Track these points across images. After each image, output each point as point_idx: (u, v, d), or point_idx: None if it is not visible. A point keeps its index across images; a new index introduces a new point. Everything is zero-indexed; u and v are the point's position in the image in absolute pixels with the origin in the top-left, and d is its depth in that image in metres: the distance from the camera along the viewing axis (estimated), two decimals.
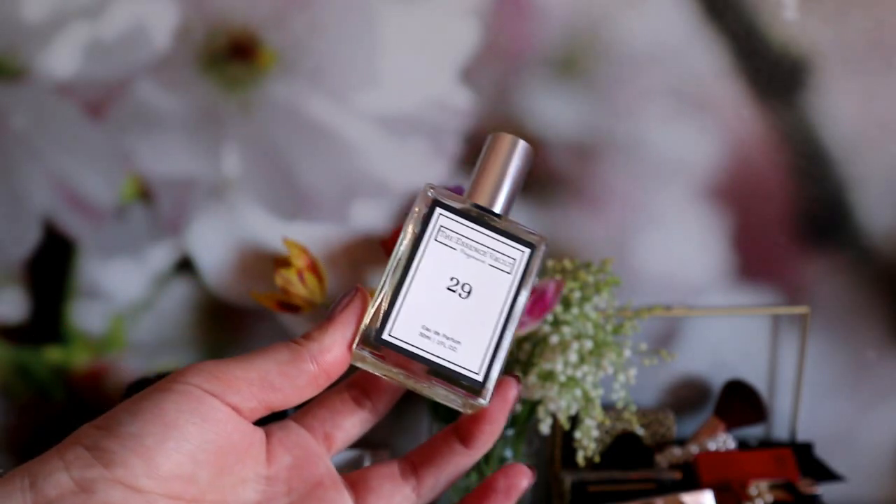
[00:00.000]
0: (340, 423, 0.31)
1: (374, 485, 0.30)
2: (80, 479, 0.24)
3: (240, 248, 0.74)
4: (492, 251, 0.30)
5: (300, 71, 0.70)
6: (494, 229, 0.31)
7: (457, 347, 0.29)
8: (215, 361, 0.27)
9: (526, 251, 0.31)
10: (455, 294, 0.30)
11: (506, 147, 0.32)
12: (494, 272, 0.30)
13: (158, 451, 0.25)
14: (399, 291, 0.29)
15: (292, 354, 0.28)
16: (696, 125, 0.73)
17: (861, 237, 0.75)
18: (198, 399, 0.26)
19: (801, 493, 0.69)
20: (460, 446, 0.30)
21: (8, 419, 0.76)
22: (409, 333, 0.29)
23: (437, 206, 0.30)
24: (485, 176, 0.32)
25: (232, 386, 0.27)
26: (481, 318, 0.30)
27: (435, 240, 0.30)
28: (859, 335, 0.77)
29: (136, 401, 0.26)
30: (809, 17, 0.70)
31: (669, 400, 0.79)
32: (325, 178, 0.72)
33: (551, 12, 0.70)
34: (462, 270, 0.30)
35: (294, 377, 0.28)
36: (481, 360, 0.29)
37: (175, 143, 0.71)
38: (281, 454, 0.29)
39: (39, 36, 0.68)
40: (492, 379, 0.29)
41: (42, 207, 0.72)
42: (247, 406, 0.27)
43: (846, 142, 0.73)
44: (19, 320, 0.74)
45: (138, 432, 0.25)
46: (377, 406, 0.31)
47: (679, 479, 0.70)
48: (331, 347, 0.28)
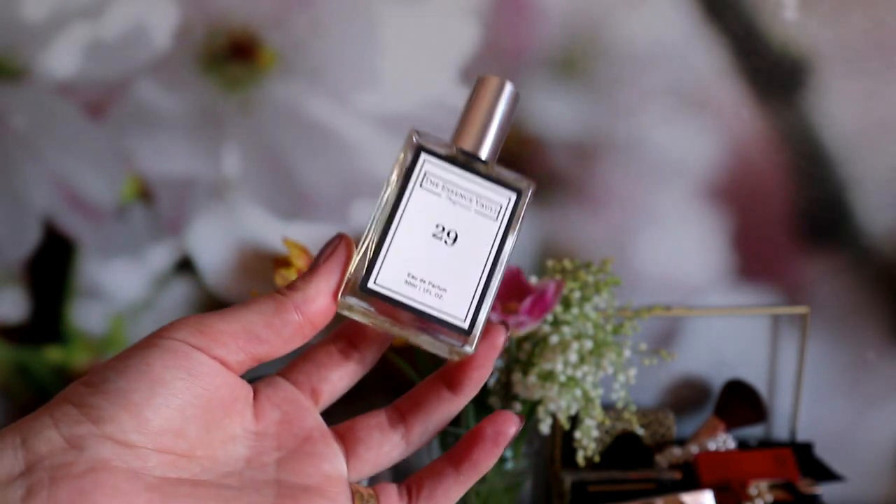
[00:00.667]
0: (327, 376, 0.30)
1: (362, 434, 0.30)
2: (70, 435, 0.24)
3: (240, 248, 0.74)
4: (477, 197, 0.30)
5: (300, 71, 0.70)
6: (480, 175, 0.30)
7: (442, 295, 0.29)
8: (199, 316, 0.27)
9: (512, 196, 0.30)
10: (440, 241, 0.29)
11: (492, 90, 0.31)
12: (480, 219, 0.30)
13: (147, 406, 0.25)
14: (384, 239, 0.29)
15: (277, 305, 0.28)
16: (696, 125, 0.73)
17: (861, 237, 0.75)
18: (184, 354, 0.26)
19: (801, 493, 0.69)
20: (447, 392, 0.30)
21: (8, 419, 0.76)
22: (395, 281, 0.28)
23: (421, 151, 0.30)
24: (471, 120, 0.31)
25: (217, 340, 0.26)
26: (467, 266, 0.29)
27: (420, 186, 0.30)
28: (859, 335, 0.77)
29: (123, 357, 0.26)
30: (809, 17, 0.70)
31: (669, 400, 0.79)
32: (325, 178, 0.72)
33: (551, 12, 0.70)
34: (447, 217, 0.29)
35: (279, 328, 0.27)
36: (467, 308, 0.29)
37: (175, 143, 0.71)
38: (269, 410, 0.29)
39: (39, 36, 0.68)
40: (478, 326, 0.29)
41: (42, 207, 0.72)
42: (234, 359, 0.27)
43: (846, 142, 0.73)
44: (19, 320, 0.74)
45: (126, 388, 0.25)
46: (364, 357, 0.31)
47: (679, 479, 0.70)
48: (315, 297, 0.28)
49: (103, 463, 0.24)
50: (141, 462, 0.25)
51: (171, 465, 0.25)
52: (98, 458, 0.24)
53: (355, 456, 0.29)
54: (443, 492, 0.29)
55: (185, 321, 0.27)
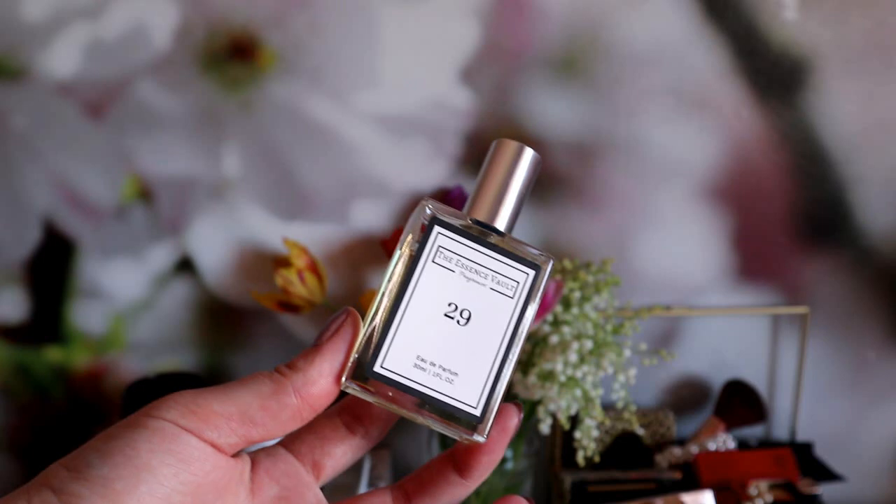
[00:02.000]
0: (331, 451, 0.29)
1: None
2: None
3: (240, 248, 0.74)
4: (493, 273, 0.28)
5: (300, 71, 0.70)
6: (497, 249, 0.28)
7: (454, 380, 0.27)
8: (193, 393, 0.26)
9: (530, 273, 0.29)
10: (453, 321, 0.28)
11: (510, 156, 0.30)
12: (496, 296, 0.28)
13: (130, 496, 0.23)
14: (393, 318, 0.27)
15: (274, 386, 0.26)
16: (696, 125, 0.73)
17: (861, 237, 0.75)
18: (172, 436, 0.24)
19: (801, 493, 0.69)
20: (456, 476, 0.28)
21: (8, 419, 0.76)
22: (403, 365, 0.27)
23: (435, 223, 0.28)
24: (487, 188, 0.29)
25: (209, 421, 0.25)
26: (481, 348, 0.28)
27: (433, 261, 0.28)
28: (859, 335, 0.77)
29: (107, 439, 0.25)
30: (809, 17, 0.70)
31: (669, 400, 0.79)
32: (325, 178, 0.72)
33: (551, 12, 0.70)
34: (461, 295, 0.28)
35: (276, 411, 0.26)
36: (479, 393, 0.27)
37: (175, 143, 0.71)
38: (267, 484, 0.28)
39: (39, 36, 0.68)
40: (491, 413, 0.27)
41: (42, 207, 0.72)
42: (226, 442, 0.25)
43: (846, 142, 0.73)
44: (19, 320, 0.74)
45: (108, 475, 0.24)
46: (370, 432, 0.30)
47: (679, 479, 0.70)
48: (316, 380, 0.26)
49: None
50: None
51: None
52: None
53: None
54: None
55: (176, 398, 0.25)
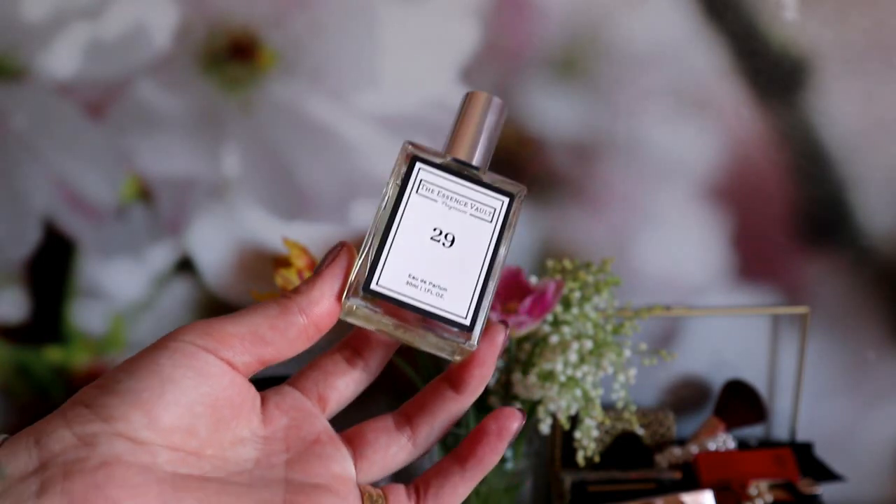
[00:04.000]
0: (333, 384, 0.31)
1: (370, 438, 0.30)
2: (82, 433, 0.25)
3: (240, 248, 0.74)
4: (472, 202, 0.31)
5: (300, 71, 0.70)
6: (473, 180, 0.32)
7: (443, 294, 0.30)
8: (207, 320, 0.28)
9: (505, 200, 0.32)
10: (439, 243, 0.30)
11: (481, 104, 0.33)
12: (476, 221, 0.31)
13: (157, 403, 0.26)
14: (384, 243, 0.30)
15: (281, 308, 0.28)
16: (696, 125, 0.73)
17: (861, 237, 0.75)
18: (192, 354, 0.27)
19: (801, 493, 0.69)
20: (452, 392, 0.30)
21: (8, 419, 0.76)
22: (397, 282, 0.30)
23: (416, 160, 0.31)
24: (462, 132, 0.33)
25: (224, 342, 0.27)
26: (465, 266, 0.30)
27: (416, 192, 0.31)
28: (859, 335, 0.77)
29: (133, 360, 0.27)
30: (809, 17, 0.70)
31: (669, 400, 0.79)
32: (325, 178, 0.72)
33: (551, 12, 0.70)
34: (444, 221, 0.31)
35: (284, 330, 0.28)
36: (468, 305, 0.30)
37: (175, 143, 0.71)
38: (277, 416, 0.30)
39: (39, 36, 0.68)
40: (479, 323, 0.30)
41: (42, 207, 0.72)
42: (240, 360, 0.28)
43: (846, 142, 0.73)
44: (19, 320, 0.74)
45: (136, 387, 0.26)
46: (369, 365, 0.32)
47: (679, 479, 0.70)
48: (319, 300, 0.29)
49: (115, 458, 0.25)
50: (152, 458, 0.25)
51: (182, 462, 0.26)
52: (110, 454, 0.25)
53: (363, 458, 0.30)
54: (450, 489, 0.30)
55: (192, 325, 0.28)
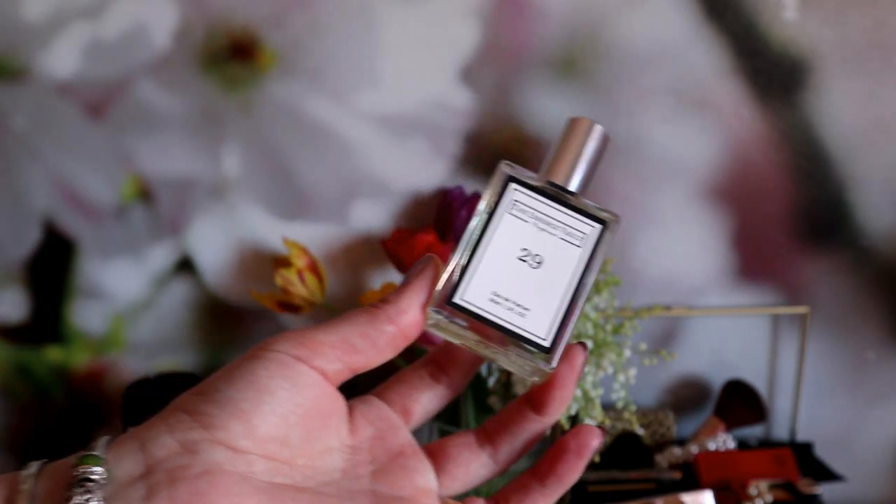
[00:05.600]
0: (418, 398, 0.32)
1: (452, 453, 0.31)
2: (184, 440, 0.26)
3: (240, 248, 0.74)
4: (563, 226, 0.31)
5: (300, 71, 0.70)
6: (566, 205, 0.32)
7: (525, 314, 0.30)
8: (299, 329, 0.29)
9: (598, 227, 0.32)
10: (526, 264, 0.31)
11: (582, 130, 0.33)
12: (565, 245, 0.31)
13: (254, 413, 0.27)
14: (472, 259, 0.30)
15: (370, 317, 0.29)
16: (696, 125, 0.73)
17: (861, 237, 0.75)
18: (287, 364, 0.28)
19: (801, 493, 0.69)
20: (533, 414, 0.31)
21: (8, 419, 0.76)
22: (480, 298, 0.30)
23: (511, 181, 0.32)
24: (560, 156, 0.33)
25: (317, 350, 0.28)
26: (551, 288, 0.30)
27: (508, 213, 0.31)
28: (859, 335, 0.77)
29: (230, 369, 0.28)
30: (809, 17, 0.70)
31: (669, 400, 0.79)
32: (325, 178, 0.72)
33: (551, 12, 0.70)
34: (533, 242, 0.31)
35: (374, 339, 0.29)
36: (549, 327, 0.30)
37: (175, 143, 0.71)
38: (363, 426, 0.30)
39: (39, 36, 0.68)
40: (560, 345, 0.30)
41: (42, 207, 0.72)
42: (331, 368, 0.28)
43: (846, 142, 0.73)
44: (19, 320, 0.74)
45: (235, 397, 0.27)
46: (453, 380, 0.33)
47: (679, 479, 0.70)
48: (407, 309, 0.29)
49: (216, 466, 0.26)
50: (248, 467, 0.26)
51: (276, 472, 0.27)
52: (211, 462, 0.26)
53: (445, 473, 0.31)
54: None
55: (285, 335, 0.29)
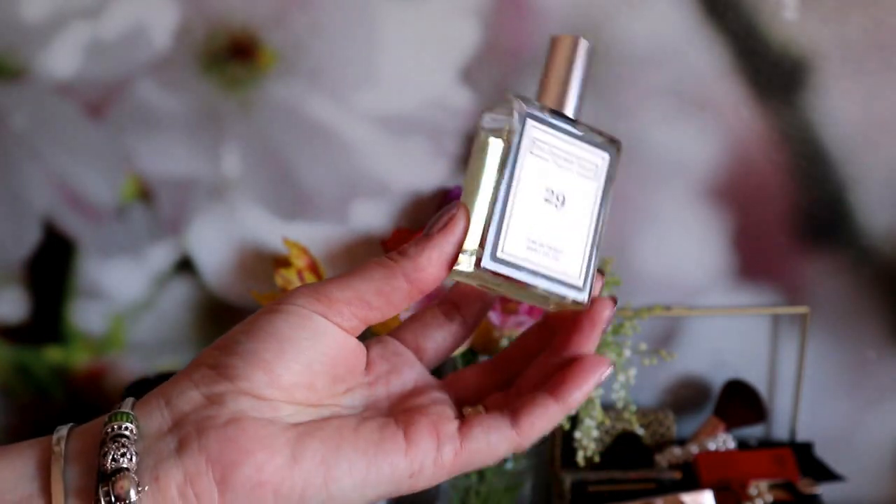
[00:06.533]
0: (431, 335, 0.32)
1: (469, 382, 0.32)
2: (209, 393, 0.27)
3: (240, 248, 0.74)
4: (578, 159, 0.31)
5: (300, 71, 0.70)
6: (579, 138, 0.31)
7: (559, 256, 0.30)
8: (313, 284, 0.29)
9: (606, 156, 0.32)
10: (551, 205, 0.30)
11: (567, 48, 0.32)
12: (581, 180, 0.31)
13: (277, 363, 0.27)
14: (505, 208, 0.29)
15: (386, 272, 0.29)
16: (696, 125, 0.73)
17: (861, 237, 0.75)
18: (306, 317, 0.28)
19: (801, 493, 0.69)
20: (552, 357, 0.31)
21: (8, 419, 0.76)
22: (519, 248, 0.29)
23: (529, 118, 0.30)
24: (552, 81, 0.32)
25: (332, 307, 0.28)
26: (576, 226, 0.31)
27: (531, 153, 0.30)
28: (859, 335, 0.77)
29: (250, 322, 0.28)
30: (809, 17, 0.70)
31: (669, 400, 0.79)
32: (325, 178, 0.72)
33: (551, 12, 0.70)
34: (555, 181, 0.30)
35: (388, 295, 0.29)
36: (580, 267, 0.30)
37: (175, 143, 0.71)
38: (379, 363, 0.31)
39: (39, 36, 0.68)
40: (589, 282, 0.30)
41: (42, 207, 0.72)
42: (348, 324, 0.29)
43: (846, 142, 0.73)
44: (19, 320, 0.74)
45: (257, 349, 0.27)
46: (467, 318, 0.33)
47: (679, 479, 0.70)
48: (426, 266, 0.29)
49: (242, 413, 0.26)
50: (274, 412, 0.27)
51: (302, 413, 0.28)
52: (237, 410, 0.26)
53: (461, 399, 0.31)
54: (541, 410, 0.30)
55: (300, 289, 0.29)
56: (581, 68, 0.32)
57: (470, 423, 0.29)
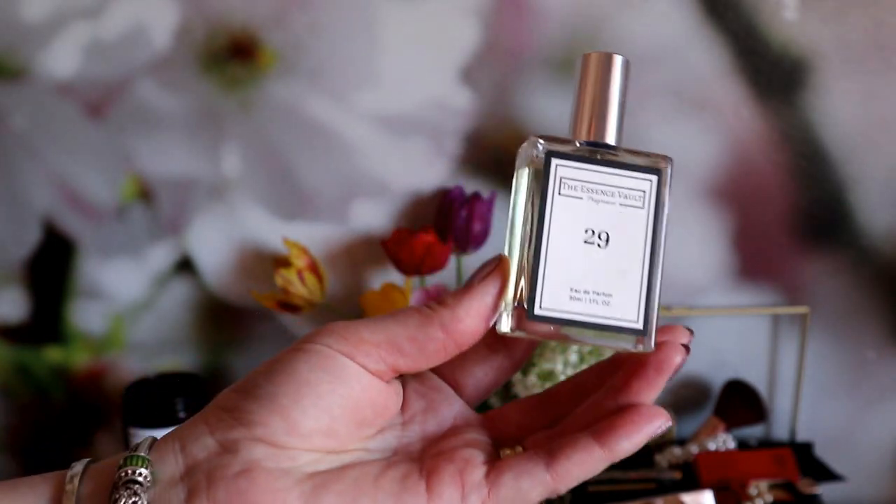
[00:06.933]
0: (471, 370, 0.31)
1: (512, 419, 0.30)
2: (224, 440, 0.26)
3: (240, 248, 0.74)
4: (618, 189, 0.28)
5: (300, 71, 0.70)
6: (614, 164, 0.28)
7: (609, 301, 0.28)
8: (345, 323, 0.28)
9: (653, 179, 0.28)
10: (593, 246, 0.28)
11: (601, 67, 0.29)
12: (627, 211, 0.28)
13: (294, 408, 0.26)
14: (538, 259, 0.27)
15: (422, 319, 0.28)
16: (696, 125, 0.73)
17: (861, 237, 0.75)
18: (329, 358, 0.27)
19: (801, 493, 0.69)
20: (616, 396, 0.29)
21: (8, 419, 0.76)
22: (560, 300, 0.27)
23: (552, 157, 0.28)
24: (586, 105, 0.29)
25: (360, 348, 0.27)
26: (626, 264, 0.28)
27: (559, 194, 0.28)
28: (859, 335, 0.77)
29: (271, 364, 0.27)
30: (809, 17, 0.70)
31: (669, 400, 0.79)
32: (325, 178, 0.72)
33: (551, 12, 0.70)
34: (594, 219, 0.28)
35: (422, 343, 0.28)
36: (637, 307, 0.28)
37: (175, 143, 0.71)
38: (415, 400, 0.30)
39: (39, 36, 0.68)
40: (652, 323, 0.28)
41: (42, 207, 0.72)
42: (375, 368, 0.27)
43: (846, 142, 0.73)
44: (19, 320, 0.74)
45: (274, 392, 0.26)
46: (513, 353, 0.31)
47: (679, 479, 0.70)
48: (463, 318, 0.28)
49: (255, 464, 0.25)
50: (291, 461, 0.26)
51: (323, 461, 0.27)
52: (250, 460, 0.25)
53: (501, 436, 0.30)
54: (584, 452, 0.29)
55: (329, 328, 0.28)
56: (618, 88, 0.29)
57: (500, 469, 0.27)
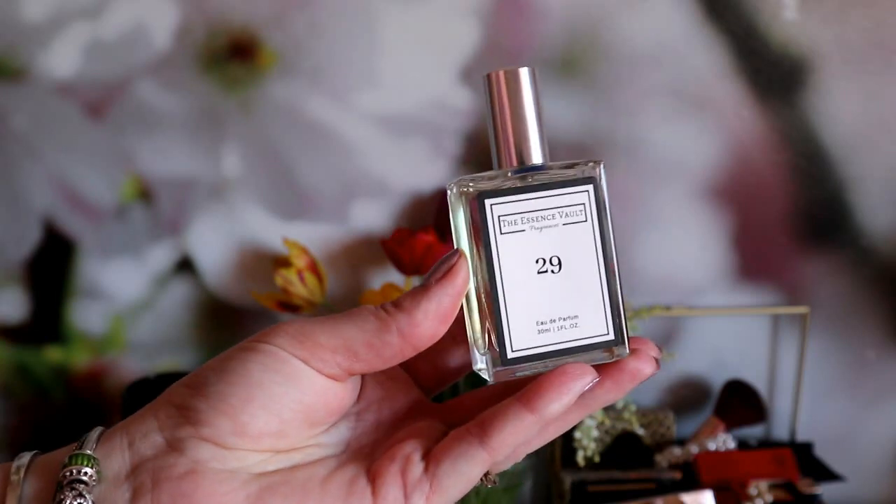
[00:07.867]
0: (431, 358, 0.30)
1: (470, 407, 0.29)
2: (171, 438, 0.25)
3: (240, 248, 0.74)
4: (558, 209, 0.27)
5: (300, 71, 0.70)
6: (549, 186, 0.27)
7: (577, 322, 0.28)
8: (299, 323, 0.27)
9: (588, 188, 0.28)
10: (547, 273, 0.27)
11: (509, 86, 0.28)
12: (571, 228, 0.28)
13: (243, 411, 0.25)
14: (497, 303, 0.27)
15: (379, 324, 0.27)
16: (696, 125, 0.73)
17: (861, 237, 0.75)
18: (282, 359, 0.26)
19: (800, 493, 0.69)
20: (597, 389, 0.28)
21: (8, 419, 0.76)
22: (529, 338, 0.27)
23: (484, 198, 0.27)
24: (507, 130, 0.28)
25: (315, 353, 0.26)
26: (584, 280, 0.28)
27: (501, 233, 0.27)
28: (859, 335, 0.77)
29: (223, 360, 0.27)
30: (809, 17, 0.70)
31: (669, 400, 0.79)
32: (325, 178, 0.72)
33: (551, 12, 0.70)
34: (542, 247, 0.27)
35: (379, 348, 0.27)
36: (605, 319, 0.28)
37: (175, 143, 0.71)
38: (371, 388, 0.29)
39: (39, 36, 0.68)
40: (623, 328, 0.28)
41: (42, 207, 0.72)
42: (330, 372, 0.27)
43: (846, 142, 0.73)
44: (19, 320, 0.74)
45: (224, 391, 0.26)
46: None
47: (679, 479, 0.70)
48: (421, 322, 0.26)
49: (201, 465, 0.25)
50: (239, 462, 0.25)
51: (272, 460, 0.26)
52: (196, 460, 0.25)
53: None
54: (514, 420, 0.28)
55: (285, 328, 0.27)
56: (532, 103, 0.28)
57: (437, 459, 0.26)
